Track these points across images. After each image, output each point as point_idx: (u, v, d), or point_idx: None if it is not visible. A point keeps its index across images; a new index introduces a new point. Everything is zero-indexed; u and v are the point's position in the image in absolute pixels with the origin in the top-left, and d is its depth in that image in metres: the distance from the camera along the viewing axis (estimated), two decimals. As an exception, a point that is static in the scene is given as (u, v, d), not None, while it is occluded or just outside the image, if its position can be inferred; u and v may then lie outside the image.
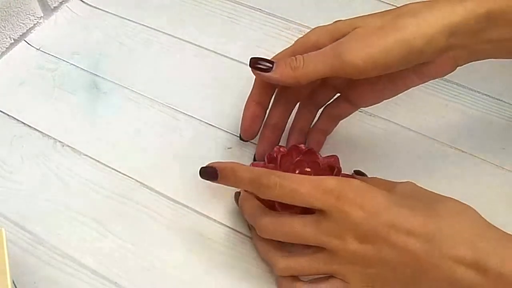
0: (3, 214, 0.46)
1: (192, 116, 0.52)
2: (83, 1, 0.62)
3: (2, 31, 0.56)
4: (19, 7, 0.56)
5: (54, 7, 0.60)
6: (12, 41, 0.58)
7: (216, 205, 0.47)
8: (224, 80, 0.55)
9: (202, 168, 0.42)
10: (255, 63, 0.42)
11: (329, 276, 0.38)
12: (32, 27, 0.59)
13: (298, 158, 0.43)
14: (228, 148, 0.50)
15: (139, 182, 0.48)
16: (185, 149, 0.50)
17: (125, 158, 0.50)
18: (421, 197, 0.38)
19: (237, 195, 0.45)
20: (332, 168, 0.43)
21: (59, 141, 0.51)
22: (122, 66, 0.56)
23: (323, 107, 0.47)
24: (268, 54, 0.56)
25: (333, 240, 0.36)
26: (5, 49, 0.57)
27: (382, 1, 0.61)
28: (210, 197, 0.47)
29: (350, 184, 0.36)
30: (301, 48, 0.42)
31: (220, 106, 0.53)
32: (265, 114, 0.46)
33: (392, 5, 0.60)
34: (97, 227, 0.46)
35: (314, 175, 0.41)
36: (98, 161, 0.49)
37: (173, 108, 0.53)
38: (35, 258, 0.44)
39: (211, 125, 0.52)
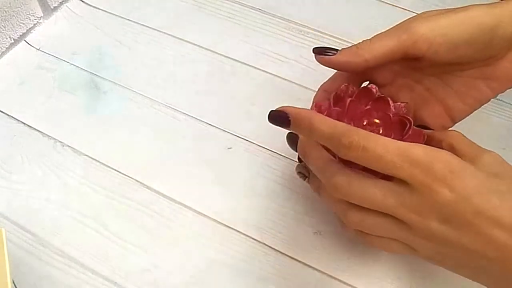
0: (3, 214, 0.46)
1: (192, 116, 0.52)
2: (83, 1, 0.62)
3: (2, 31, 0.56)
4: (19, 7, 0.56)
5: (54, 7, 0.60)
6: (12, 41, 0.58)
7: (216, 205, 0.47)
8: (224, 80, 0.55)
9: (272, 111, 0.38)
10: (321, 52, 0.39)
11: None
12: (32, 27, 0.59)
13: (367, 107, 0.39)
14: (228, 148, 0.50)
15: (139, 182, 0.48)
16: (185, 149, 0.50)
17: (125, 158, 0.50)
18: (507, 176, 0.36)
19: (294, 137, 0.41)
20: (403, 123, 0.39)
21: (59, 141, 0.51)
22: (122, 66, 0.56)
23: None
24: (268, 54, 0.57)
25: (414, 216, 0.34)
26: (5, 49, 0.57)
27: (382, 1, 0.61)
28: (209, 197, 0.47)
29: (439, 157, 0.34)
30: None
31: (220, 106, 0.53)
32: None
33: (393, 5, 0.60)
34: (97, 227, 0.46)
35: (383, 128, 0.39)
36: (98, 161, 0.49)
37: (173, 108, 0.53)
38: (35, 258, 0.44)
39: (211, 125, 0.52)
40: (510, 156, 0.49)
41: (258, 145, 0.50)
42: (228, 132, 0.51)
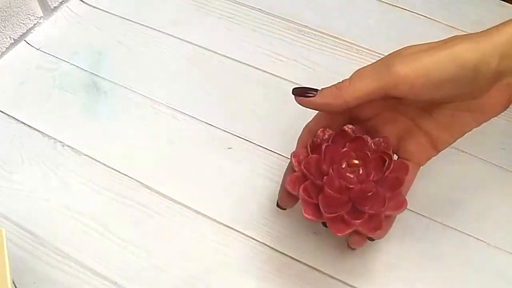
0: (3, 214, 0.46)
1: (192, 116, 0.52)
2: (83, 1, 0.62)
3: (2, 31, 0.56)
4: (19, 7, 0.56)
5: (54, 7, 0.60)
6: (12, 41, 0.57)
7: (216, 205, 0.47)
8: (224, 80, 0.55)
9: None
10: (301, 93, 0.39)
11: None
12: (32, 27, 0.59)
13: (345, 149, 0.39)
14: (228, 148, 0.50)
15: (139, 182, 0.48)
16: (185, 149, 0.50)
17: (125, 158, 0.50)
18: None
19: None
20: (383, 160, 0.39)
21: (59, 141, 0.51)
22: (122, 66, 0.56)
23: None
24: (268, 54, 0.57)
25: None
26: (5, 49, 0.57)
27: (382, 1, 0.61)
28: (209, 197, 0.47)
29: None
30: None
31: (220, 106, 0.53)
32: None
33: (393, 5, 0.60)
34: (97, 227, 0.45)
35: (362, 167, 0.39)
36: (98, 161, 0.49)
37: (173, 108, 0.53)
38: (35, 258, 0.44)
39: (211, 125, 0.52)
40: (510, 156, 0.49)
41: (258, 145, 0.50)
42: (228, 132, 0.51)
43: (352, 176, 0.39)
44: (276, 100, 0.53)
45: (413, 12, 0.60)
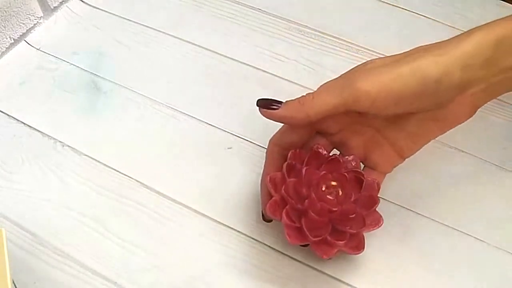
0: (3, 214, 0.46)
1: (192, 116, 0.52)
2: (83, 1, 0.62)
3: (2, 31, 0.56)
4: (19, 7, 0.56)
5: (54, 7, 0.60)
6: (12, 41, 0.58)
7: (216, 205, 0.47)
8: (224, 80, 0.55)
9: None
10: (266, 105, 0.40)
11: None
12: (32, 27, 0.59)
13: (323, 172, 0.40)
14: (228, 148, 0.50)
15: (139, 182, 0.48)
16: (185, 149, 0.50)
17: (125, 158, 0.50)
18: None
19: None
20: (359, 180, 0.40)
21: (59, 141, 0.51)
22: (122, 66, 0.56)
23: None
24: (267, 54, 0.57)
25: None
26: (5, 49, 0.57)
27: (382, 1, 0.61)
28: (210, 196, 0.47)
29: None
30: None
31: (220, 106, 0.53)
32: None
33: (393, 5, 0.60)
34: (97, 227, 0.45)
35: (341, 188, 0.39)
36: (98, 161, 0.49)
37: (173, 108, 0.53)
38: (35, 258, 0.44)
39: (211, 125, 0.52)
40: (510, 156, 0.49)
41: (258, 145, 0.50)
42: (228, 132, 0.51)
43: (332, 198, 0.39)
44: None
45: (413, 12, 0.60)
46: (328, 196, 0.39)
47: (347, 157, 0.41)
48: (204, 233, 0.45)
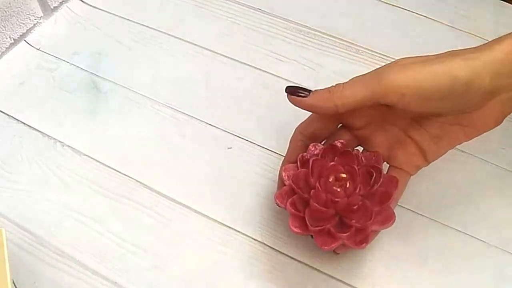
0: (3, 214, 0.46)
1: (192, 116, 0.52)
2: (83, 1, 0.62)
3: (2, 31, 0.56)
4: (19, 7, 0.56)
5: (54, 7, 0.60)
6: (12, 41, 0.57)
7: (216, 205, 0.47)
8: (224, 80, 0.55)
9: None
10: (294, 92, 0.40)
11: None
12: (32, 27, 0.59)
13: (332, 163, 0.40)
14: (228, 148, 0.50)
15: (139, 182, 0.48)
16: (185, 149, 0.50)
17: (125, 158, 0.50)
18: None
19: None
20: (371, 174, 0.40)
21: (59, 141, 0.51)
22: (122, 66, 0.56)
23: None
24: (268, 54, 0.57)
25: None
26: (5, 49, 0.57)
27: (382, 1, 0.61)
28: (209, 197, 0.47)
29: None
30: None
31: (220, 106, 0.53)
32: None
33: (393, 5, 0.60)
34: (97, 227, 0.46)
35: (350, 181, 0.39)
36: (98, 161, 0.49)
37: (173, 108, 0.53)
38: (35, 258, 0.44)
39: (211, 125, 0.52)
40: (510, 156, 0.49)
41: (258, 145, 0.50)
42: (228, 132, 0.51)
43: (339, 189, 0.39)
44: (276, 100, 0.53)
45: (413, 12, 0.60)
46: (335, 188, 0.39)
47: (369, 152, 0.41)
48: (204, 233, 0.45)
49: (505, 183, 0.47)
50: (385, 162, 0.42)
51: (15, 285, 0.37)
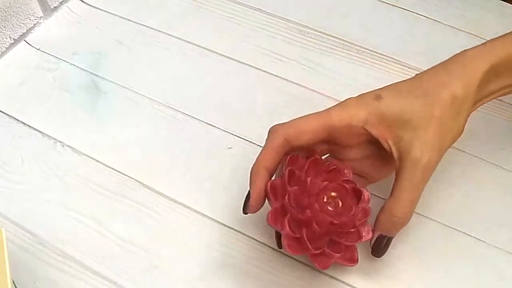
0: (3, 214, 0.46)
1: (192, 116, 0.52)
2: (83, 1, 0.62)
3: (2, 31, 0.56)
4: (19, 7, 0.56)
5: (54, 7, 0.60)
6: (12, 41, 0.58)
7: (216, 205, 0.47)
8: (224, 80, 0.55)
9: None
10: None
11: None
12: (32, 27, 0.59)
13: (325, 183, 0.39)
14: (228, 148, 0.50)
15: (139, 182, 0.48)
16: (185, 149, 0.50)
17: (125, 158, 0.50)
18: None
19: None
20: (357, 192, 0.40)
21: (59, 141, 0.51)
22: (122, 66, 0.56)
23: None
24: (267, 54, 0.57)
25: None
26: (5, 49, 0.57)
27: (382, 1, 0.61)
28: (209, 197, 0.47)
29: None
30: None
31: (220, 106, 0.53)
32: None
33: (393, 5, 0.60)
34: (97, 227, 0.45)
35: (340, 199, 0.39)
36: (98, 161, 0.49)
37: (173, 108, 0.53)
38: (35, 258, 0.44)
39: (211, 125, 0.52)
40: (510, 156, 0.49)
41: (258, 145, 0.50)
42: (228, 132, 0.51)
43: (332, 209, 0.39)
44: (276, 100, 0.53)
45: (413, 12, 0.60)
46: (329, 207, 0.39)
47: (345, 170, 0.41)
48: (204, 233, 0.45)
49: (505, 183, 0.47)
50: None
51: (15, 285, 0.37)
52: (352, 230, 0.39)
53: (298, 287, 0.43)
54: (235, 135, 0.51)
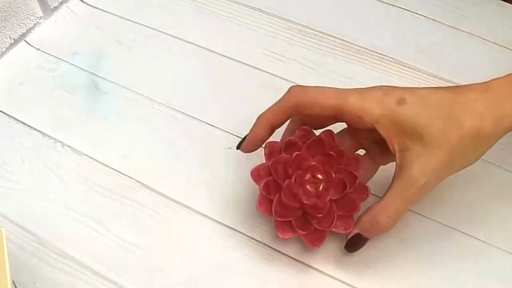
0: (3, 214, 0.46)
1: (192, 116, 0.52)
2: (83, 1, 0.62)
3: (2, 31, 0.56)
4: (19, 7, 0.56)
5: (54, 7, 0.60)
6: (12, 41, 0.58)
7: (216, 205, 0.47)
8: (224, 80, 0.55)
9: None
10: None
11: None
12: (32, 27, 0.59)
13: (313, 163, 0.40)
14: (228, 148, 0.50)
15: (139, 182, 0.48)
16: (185, 149, 0.50)
17: (125, 158, 0.50)
18: None
19: None
20: (343, 184, 0.40)
21: (59, 141, 0.51)
22: (122, 66, 0.56)
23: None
24: (268, 54, 0.57)
25: None
26: (5, 49, 0.57)
27: (382, 1, 0.61)
28: (209, 197, 0.47)
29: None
30: None
31: (220, 106, 0.53)
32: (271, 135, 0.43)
33: (392, 5, 0.60)
34: (97, 227, 0.46)
35: (324, 184, 0.40)
36: (98, 161, 0.49)
37: (173, 108, 0.53)
38: (35, 258, 0.44)
39: (211, 125, 0.52)
40: (510, 156, 0.49)
41: (258, 145, 0.50)
42: (228, 132, 0.51)
43: (311, 189, 0.40)
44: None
45: (413, 12, 0.60)
46: (309, 187, 0.40)
47: (354, 155, 0.42)
48: (204, 233, 0.45)
49: (506, 183, 0.47)
50: None
51: (15, 285, 0.37)
52: (324, 215, 0.40)
53: (298, 287, 0.43)
54: (235, 135, 0.51)
